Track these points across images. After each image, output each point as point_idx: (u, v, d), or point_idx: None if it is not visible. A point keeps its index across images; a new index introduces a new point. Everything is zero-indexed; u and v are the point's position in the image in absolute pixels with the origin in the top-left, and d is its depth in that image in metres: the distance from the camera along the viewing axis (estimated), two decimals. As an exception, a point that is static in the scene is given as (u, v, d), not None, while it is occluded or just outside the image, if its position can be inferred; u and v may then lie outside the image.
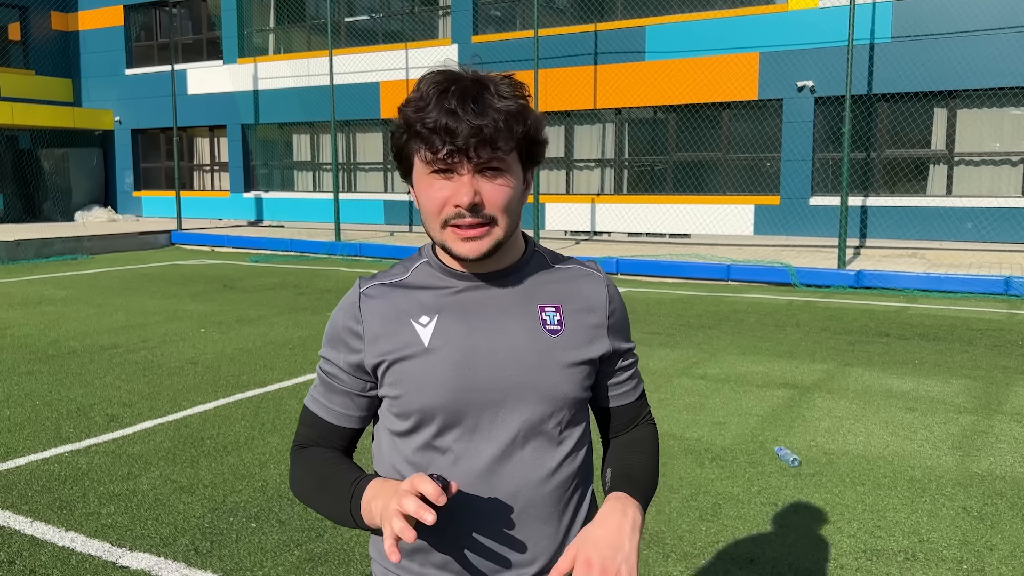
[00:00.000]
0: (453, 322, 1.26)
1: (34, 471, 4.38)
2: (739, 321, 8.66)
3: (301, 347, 7.44)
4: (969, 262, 11.80)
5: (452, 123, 1.14)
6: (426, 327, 1.25)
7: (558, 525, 1.29)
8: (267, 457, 4.58)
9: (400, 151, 1.24)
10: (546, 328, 1.28)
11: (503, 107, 1.17)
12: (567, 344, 1.28)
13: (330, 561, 3.37)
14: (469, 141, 1.14)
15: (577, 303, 1.32)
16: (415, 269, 1.32)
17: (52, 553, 3.43)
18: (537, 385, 1.25)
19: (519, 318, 1.27)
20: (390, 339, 1.26)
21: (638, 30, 15.34)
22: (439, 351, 1.24)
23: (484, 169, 1.18)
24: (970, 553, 3.41)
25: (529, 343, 1.26)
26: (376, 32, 18.79)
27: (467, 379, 1.23)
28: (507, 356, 1.25)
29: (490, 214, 1.19)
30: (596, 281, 1.35)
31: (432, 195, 1.20)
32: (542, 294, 1.30)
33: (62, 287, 11.57)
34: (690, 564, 3.33)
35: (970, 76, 12.79)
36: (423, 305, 1.27)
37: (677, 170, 15.50)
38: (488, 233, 1.20)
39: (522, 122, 1.19)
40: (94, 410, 5.50)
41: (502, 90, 1.19)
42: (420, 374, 1.24)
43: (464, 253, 1.21)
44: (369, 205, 18.78)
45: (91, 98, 22.97)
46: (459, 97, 1.15)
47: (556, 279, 1.33)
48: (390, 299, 1.29)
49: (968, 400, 5.63)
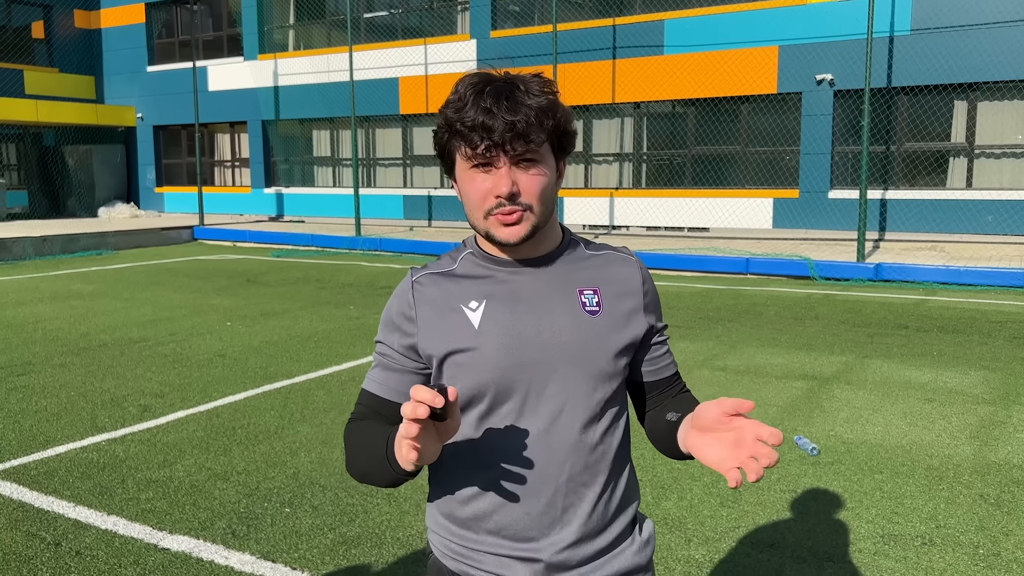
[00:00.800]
0: (500, 306, 1.36)
1: (74, 459, 4.54)
2: (758, 314, 8.71)
3: (326, 340, 7.57)
4: (989, 255, 11.77)
5: (488, 120, 1.25)
6: (475, 311, 1.36)
7: (600, 493, 1.39)
8: (298, 446, 4.72)
9: (443, 149, 1.35)
10: (586, 310, 1.38)
11: (533, 103, 1.27)
12: (606, 324, 1.39)
13: (363, 544, 3.49)
14: (504, 136, 1.25)
15: (613, 286, 1.42)
16: (461, 259, 1.43)
17: (96, 536, 3.57)
18: (579, 363, 1.35)
19: (560, 301, 1.38)
20: (442, 324, 1.37)
21: (656, 24, 15.36)
22: (489, 333, 1.35)
23: (519, 161, 1.29)
24: (986, 539, 3.48)
25: (571, 324, 1.36)
26: (395, 28, 18.91)
27: (515, 358, 1.34)
28: (551, 336, 1.35)
29: (526, 202, 1.30)
30: (630, 264, 1.46)
31: (475, 188, 1.31)
32: (580, 278, 1.41)
33: (89, 282, 11.79)
34: (712, 548, 3.42)
35: (991, 68, 12.73)
36: (471, 292, 1.38)
37: (696, 164, 15.52)
38: (524, 218, 1.31)
39: (551, 115, 1.29)
40: (127, 401, 5.66)
41: (532, 88, 1.29)
42: (472, 355, 1.34)
43: (505, 238, 1.32)
44: (389, 200, 18.93)
45: (114, 95, 23.27)
46: (494, 96, 1.26)
47: (592, 264, 1.44)
48: (440, 287, 1.40)
49: (986, 391, 5.68)
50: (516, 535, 1.37)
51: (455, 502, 1.41)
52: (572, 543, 1.37)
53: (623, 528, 1.43)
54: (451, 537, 1.42)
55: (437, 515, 1.45)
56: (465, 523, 1.40)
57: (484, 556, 1.39)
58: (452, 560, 1.42)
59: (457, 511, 1.41)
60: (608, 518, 1.41)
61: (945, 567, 3.24)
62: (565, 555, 1.37)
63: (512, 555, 1.37)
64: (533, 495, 1.36)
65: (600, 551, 1.40)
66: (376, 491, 4.03)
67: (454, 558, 1.42)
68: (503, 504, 1.36)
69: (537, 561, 1.36)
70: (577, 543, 1.37)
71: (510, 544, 1.37)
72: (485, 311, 1.36)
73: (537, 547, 1.36)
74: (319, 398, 5.69)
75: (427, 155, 18.69)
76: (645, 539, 1.47)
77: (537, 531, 1.36)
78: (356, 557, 3.38)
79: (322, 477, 4.24)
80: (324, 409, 5.43)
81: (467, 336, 1.35)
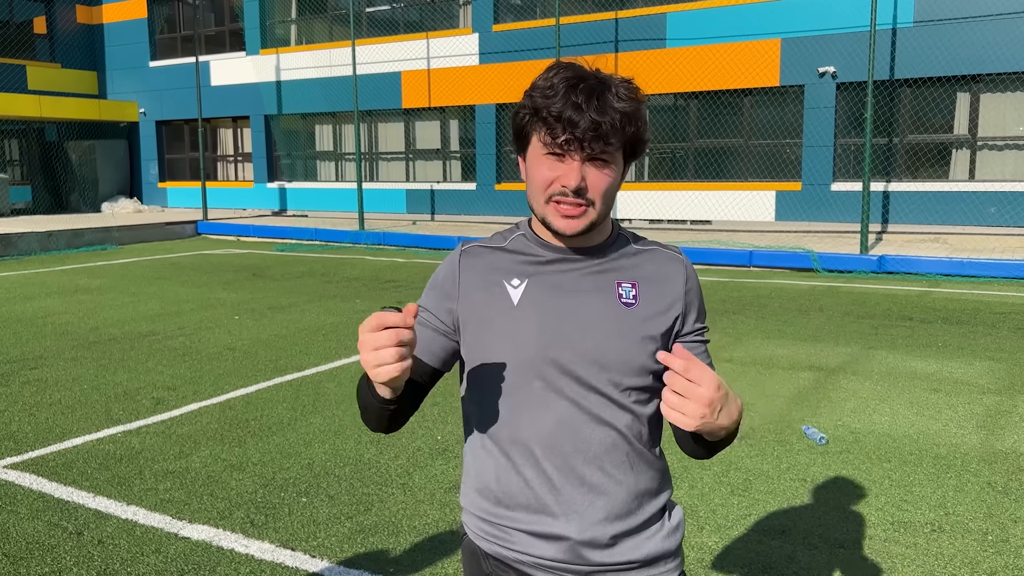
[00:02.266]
0: (540, 288, 1.42)
1: (91, 450, 4.59)
2: (762, 306, 8.76)
3: (334, 333, 7.62)
4: (992, 247, 11.81)
5: (575, 115, 1.30)
6: (516, 289, 1.42)
7: (628, 478, 1.43)
8: (311, 436, 4.77)
9: (521, 129, 1.40)
10: (621, 301, 1.42)
11: (620, 108, 1.32)
12: (640, 317, 1.42)
13: (380, 532, 3.54)
14: (587, 134, 1.31)
15: (655, 281, 1.46)
16: (513, 238, 1.49)
17: (117, 525, 3.63)
18: (608, 351, 1.40)
19: (597, 291, 1.42)
20: (483, 294, 1.43)
21: (659, 17, 15.37)
22: (526, 310, 1.40)
23: (592, 158, 1.34)
24: (995, 525, 3.53)
25: (604, 313, 1.41)
26: (397, 22, 18.92)
27: (548, 338, 1.38)
28: (584, 323, 1.40)
29: (591, 198, 1.35)
30: (675, 262, 1.50)
31: (543, 172, 1.36)
32: (622, 271, 1.45)
33: (95, 276, 11.84)
34: (724, 535, 3.48)
35: (994, 60, 12.74)
36: (515, 269, 1.44)
37: (698, 157, 15.55)
38: (585, 214, 1.36)
39: (634, 123, 1.35)
40: (140, 393, 5.71)
41: (621, 92, 1.34)
42: (507, 329, 1.40)
43: (562, 228, 1.37)
44: (391, 194, 18.96)
45: (116, 90, 23.28)
46: (586, 94, 1.31)
47: (637, 259, 1.48)
48: (487, 259, 1.46)
49: (992, 381, 5.72)
50: (544, 514, 1.41)
51: (485, 482, 1.45)
52: (599, 523, 1.41)
53: (652, 513, 1.47)
54: (484, 516, 1.47)
55: (470, 495, 1.49)
56: (496, 503, 1.44)
57: (515, 535, 1.43)
58: (485, 541, 1.47)
59: (487, 491, 1.45)
60: (636, 502, 1.44)
61: (955, 553, 3.29)
62: (592, 534, 1.40)
63: (541, 533, 1.41)
64: (560, 475, 1.40)
65: (628, 532, 1.43)
66: (390, 481, 4.09)
67: (486, 538, 1.46)
68: (531, 484, 1.40)
69: (565, 539, 1.40)
70: (604, 524, 1.41)
71: (539, 523, 1.41)
72: (526, 290, 1.41)
73: (566, 527, 1.40)
74: (330, 390, 5.74)
75: (430, 149, 18.71)
76: (674, 525, 1.51)
77: (564, 511, 1.40)
78: (373, 545, 3.43)
79: (336, 467, 4.29)
80: (336, 401, 5.48)
81: (505, 311, 1.41)
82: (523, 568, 1.44)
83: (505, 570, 1.45)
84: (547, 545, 1.41)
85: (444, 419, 5.01)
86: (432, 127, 18.65)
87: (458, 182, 18.28)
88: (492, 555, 1.46)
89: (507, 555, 1.44)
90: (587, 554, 1.41)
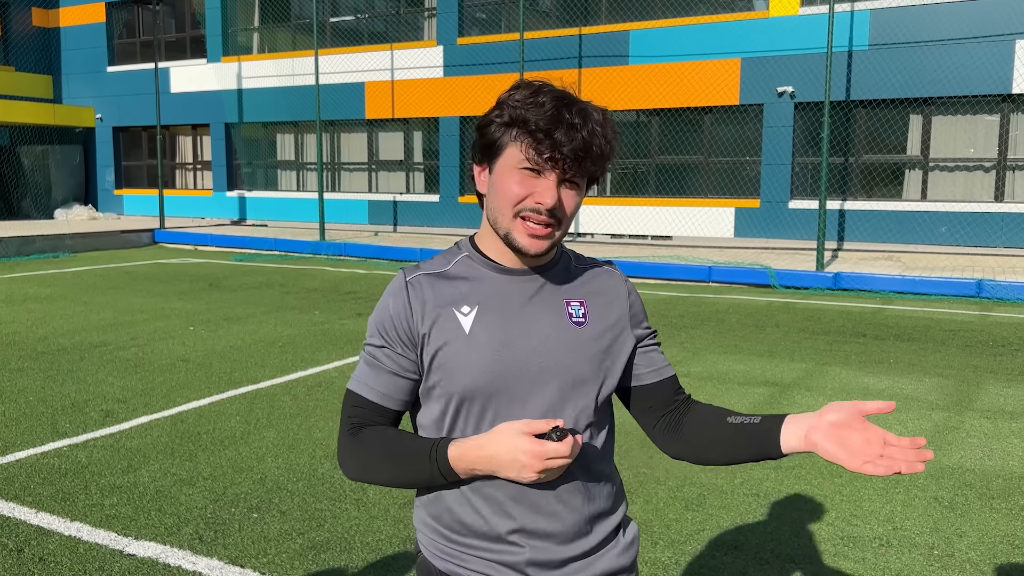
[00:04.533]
0: (491, 312, 1.40)
1: (34, 464, 4.46)
2: (720, 321, 8.85)
3: (291, 345, 7.53)
4: (943, 265, 12.09)
5: (565, 135, 1.30)
6: (467, 316, 1.39)
7: (583, 498, 1.43)
8: (264, 451, 4.69)
9: (495, 140, 1.36)
10: (572, 320, 1.42)
11: (606, 138, 1.34)
12: (591, 335, 1.43)
13: (332, 549, 3.49)
14: (576, 154, 1.30)
15: (600, 297, 1.47)
16: (457, 261, 1.46)
17: (59, 542, 3.53)
18: (562, 372, 1.39)
19: (548, 311, 1.42)
20: (434, 325, 1.39)
21: (622, 34, 15.54)
22: (479, 338, 1.38)
23: (567, 181, 1.34)
24: (941, 540, 3.59)
25: (556, 333, 1.40)
26: (361, 32, 18.87)
27: (503, 364, 1.37)
28: (538, 345, 1.39)
29: (560, 217, 1.35)
30: (614, 277, 1.52)
31: (514, 187, 1.34)
32: (569, 290, 1.45)
33: (46, 285, 11.56)
34: (678, 550, 3.49)
35: (945, 84, 13.10)
36: (464, 295, 1.41)
37: (659, 173, 15.71)
38: (551, 235, 1.36)
39: (610, 156, 1.36)
40: (89, 406, 5.58)
41: (607, 126, 1.35)
42: (462, 358, 1.37)
43: (526, 246, 1.36)
44: (353, 205, 18.85)
45: (72, 95, 22.85)
46: (582, 116, 1.31)
47: (581, 277, 1.49)
48: (434, 288, 1.42)
49: (940, 397, 5.84)
50: (499, 538, 1.40)
51: (442, 504, 1.43)
52: (551, 547, 1.40)
53: (606, 534, 1.47)
54: (438, 538, 1.45)
55: (425, 516, 1.48)
56: (451, 525, 1.43)
57: (470, 557, 1.42)
58: (440, 560, 1.45)
59: (444, 514, 1.43)
60: (589, 525, 1.44)
61: (902, 567, 3.34)
62: (545, 556, 1.40)
63: (496, 559, 1.40)
64: (514, 503, 1.39)
65: (584, 553, 1.43)
66: (344, 496, 4.03)
67: (442, 558, 1.45)
68: (481, 512, 1.39)
69: (521, 562, 1.39)
70: (557, 547, 1.41)
71: (490, 548, 1.40)
72: (476, 316, 1.39)
73: (518, 552, 1.40)
74: (285, 403, 5.66)
75: (393, 160, 18.65)
76: (629, 541, 1.51)
77: (519, 535, 1.40)
78: (325, 562, 3.38)
79: (289, 482, 4.23)
80: (290, 415, 5.40)
81: (458, 340, 1.38)
82: None
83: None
84: (503, 568, 1.40)
85: (400, 433, 4.96)
86: (395, 138, 18.60)
87: (421, 193, 18.24)
88: (446, 573, 1.45)
89: (462, 574, 1.43)
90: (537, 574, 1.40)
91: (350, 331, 8.17)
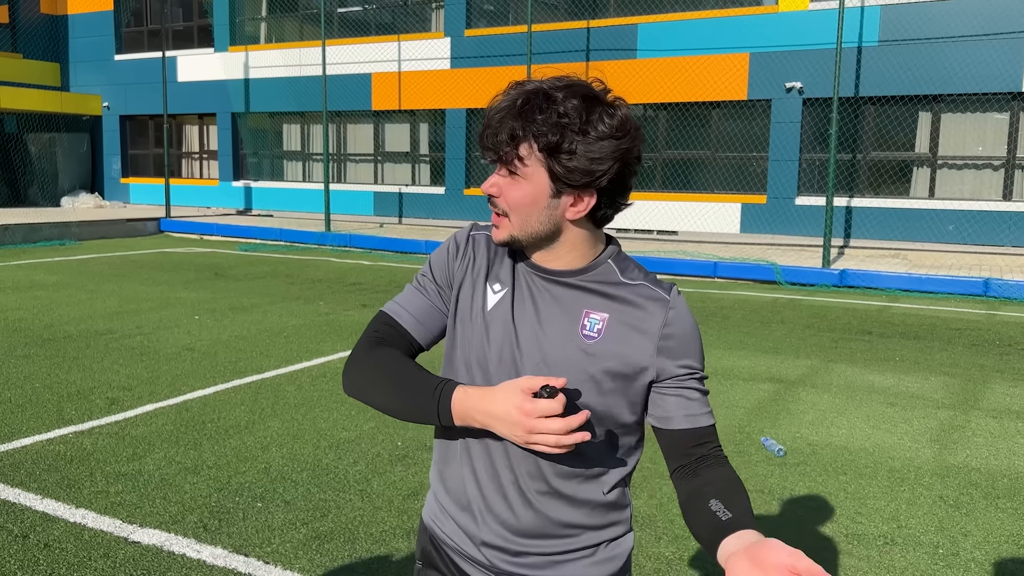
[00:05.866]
0: (515, 301, 1.41)
1: (40, 451, 4.47)
2: (725, 317, 8.83)
3: (296, 335, 7.54)
4: (950, 263, 12.05)
5: (488, 118, 1.33)
6: (495, 294, 1.42)
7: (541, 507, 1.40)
8: (269, 440, 4.70)
9: None
10: (583, 332, 1.35)
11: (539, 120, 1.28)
12: (598, 353, 1.34)
13: (336, 539, 3.49)
14: (487, 139, 1.32)
15: (629, 319, 1.36)
16: None
17: (64, 528, 3.54)
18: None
19: (563, 316, 1.37)
20: (471, 286, 1.44)
21: (630, 28, 15.48)
22: (492, 322, 1.40)
23: (509, 171, 1.32)
24: (946, 539, 3.58)
25: (560, 341, 1.36)
26: (369, 23, 18.82)
27: (500, 352, 1.38)
28: (540, 346, 1.37)
29: (502, 206, 1.35)
30: (657, 303, 1.37)
31: None
32: (595, 301, 1.37)
33: (52, 272, 11.58)
34: (680, 546, 3.49)
35: (955, 81, 13.03)
36: (502, 273, 1.43)
37: (666, 168, 15.67)
38: (503, 225, 1.36)
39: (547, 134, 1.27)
40: (94, 393, 5.59)
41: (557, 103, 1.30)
42: (473, 332, 1.41)
43: (492, 235, 1.41)
44: (359, 196, 18.84)
45: (79, 83, 22.85)
46: (507, 101, 1.32)
47: (616, 291, 1.38)
48: (488, 253, 1.46)
49: (946, 396, 5.83)
50: (466, 512, 1.46)
51: (436, 468, 1.52)
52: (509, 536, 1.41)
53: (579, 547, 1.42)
54: (432, 498, 1.55)
55: (432, 474, 1.56)
56: (438, 488, 1.52)
57: (447, 520, 1.50)
58: (429, 519, 1.55)
59: (436, 476, 1.53)
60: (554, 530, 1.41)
61: (906, 566, 3.33)
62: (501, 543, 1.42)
63: (462, 526, 1.47)
64: (487, 478, 1.42)
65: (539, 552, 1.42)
66: (348, 487, 4.04)
67: (432, 517, 1.54)
68: (464, 480, 1.44)
69: (476, 539, 1.44)
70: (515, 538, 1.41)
71: (461, 516, 1.47)
72: (501, 299, 1.41)
73: (478, 528, 1.44)
74: (289, 393, 5.67)
75: (399, 152, 18.63)
76: (609, 556, 1.45)
77: (481, 515, 1.43)
78: (329, 552, 3.38)
79: (294, 472, 4.23)
80: (295, 405, 5.41)
81: (478, 312, 1.42)
82: (447, 551, 1.50)
83: (437, 549, 1.52)
84: (465, 537, 1.46)
85: (405, 425, 4.97)
86: (402, 130, 18.57)
87: (427, 185, 18.22)
88: (429, 532, 1.54)
89: (439, 535, 1.51)
90: (493, 558, 1.43)
91: (355, 322, 8.18)
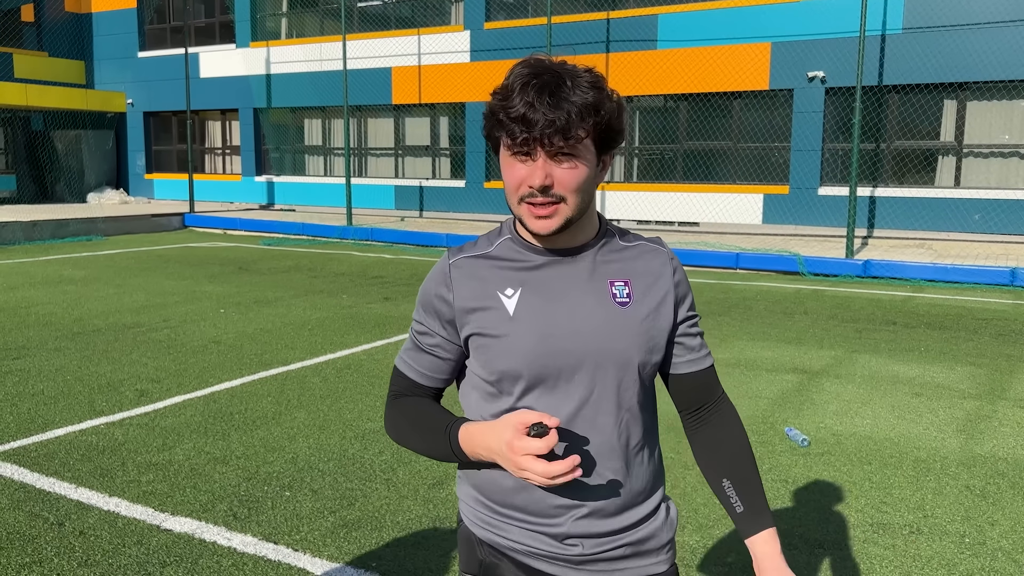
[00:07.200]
0: (535, 294, 1.41)
1: (73, 441, 4.57)
2: (748, 308, 8.80)
3: (320, 328, 7.61)
4: (976, 253, 11.91)
5: (530, 114, 1.28)
6: (511, 299, 1.40)
7: (626, 476, 1.45)
8: (295, 431, 4.76)
9: (489, 134, 1.39)
10: (616, 301, 1.42)
11: (578, 100, 1.29)
12: (636, 315, 1.42)
13: (363, 527, 3.54)
14: (544, 131, 1.28)
15: (645, 277, 1.46)
16: (499, 243, 1.47)
17: (99, 516, 3.61)
18: (608, 353, 1.40)
19: (592, 292, 1.42)
20: (478, 308, 1.41)
21: (650, 18, 15.41)
22: (523, 321, 1.39)
23: (557, 154, 1.31)
24: (972, 528, 3.57)
25: (601, 314, 1.41)
26: (388, 17, 18.87)
27: (548, 346, 1.38)
28: (582, 326, 1.39)
29: (560, 194, 1.33)
30: (660, 255, 1.49)
31: (512, 174, 1.35)
32: (612, 269, 1.44)
33: (80, 267, 11.76)
34: (705, 535, 3.50)
35: (981, 68, 12.86)
36: (507, 278, 1.42)
37: (687, 158, 15.60)
38: (557, 212, 1.34)
39: (594, 113, 1.31)
40: (124, 385, 5.69)
41: (581, 83, 1.31)
42: (506, 341, 1.39)
43: (536, 229, 1.36)
44: (380, 190, 18.93)
45: (104, 80, 23.11)
46: (538, 90, 1.29)
47: (625, 256, 1.47)
48: (477, 270, 1.44)
49: (972, 386, 5.78)
50: (540, 513, 1.43)
51: (483, 479, 1.46)
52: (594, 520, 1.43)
53: (647, 512, 1.49)
54: (480, 508, 1.49)
55: (468, 488, 1.51)
56: (493, 496, 1.46)
57: (510, 527, 1.45)
58: (480, 529, 1.49)
59: (485, 487, 1.47)
60: (631, 500, 1.46)
61: (932, 555, 3.33)
62: (584, 530, 1.42)
63: (536, 529, 1.43)
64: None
65: (622, 529, 1.45)
66: (374, 476, 4.09)
67: (482, 527, 1.48)
68: (527, 486, 1.41)
69: (560, 533, 1.42)
70: (599, 519, 1.43)
71: (533, 519, 1.43)
72: (520, 299, 1.40)
73: (559, 522, 1.42)
74: (315, 385, 5.73)
75: (419, 145, 18.69)
76: (668, 521, 1.53)
77: (557, 511, 1.42)
78: (356, 540, 3.43)
79: (320, 462, 4.29)
80: (320, 396, 5.47)
81: (502, 322, 1.40)
82: (516, 556, 1.46)
83: (499, 558, 1.47)
84: (542, 538, 1.43)
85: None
86: (422, 124, 18.62)
87: (447, 179, 18.27)
88: (487, 542, 1.48)
89: (501, 543, 1.46)
90: (576, 545, 1.43)
91: (378, 315, 8.24)
